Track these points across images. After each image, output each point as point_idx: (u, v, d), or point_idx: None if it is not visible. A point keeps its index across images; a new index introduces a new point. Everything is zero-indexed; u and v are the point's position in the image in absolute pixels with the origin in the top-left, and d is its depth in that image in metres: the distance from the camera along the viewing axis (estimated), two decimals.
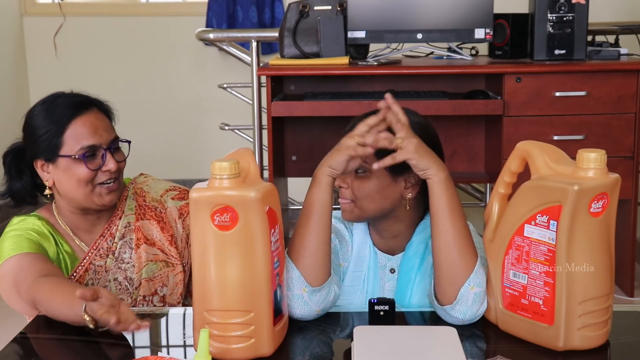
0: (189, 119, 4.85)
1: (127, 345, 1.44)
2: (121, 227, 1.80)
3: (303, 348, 1.44)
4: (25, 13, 4.87)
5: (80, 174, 1.69)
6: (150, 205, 1.84)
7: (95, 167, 1.70)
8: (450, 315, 1.48)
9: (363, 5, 3.19)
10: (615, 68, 3.08)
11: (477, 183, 3.95)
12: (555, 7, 3.11)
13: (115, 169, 1.72)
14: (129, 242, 1.79)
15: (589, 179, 1.33)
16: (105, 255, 1.78)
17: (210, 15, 4.57)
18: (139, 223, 1.81)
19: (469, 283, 1.46)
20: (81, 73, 4.82)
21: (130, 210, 1.82)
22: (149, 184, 1.89)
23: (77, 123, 1.70)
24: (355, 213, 1.62)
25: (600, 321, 1.38)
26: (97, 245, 1.78)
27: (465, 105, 3.07)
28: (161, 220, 1.83)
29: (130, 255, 1.79)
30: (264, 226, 1.32)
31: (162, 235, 1.82)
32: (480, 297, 1.47)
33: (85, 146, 1.69)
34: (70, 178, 1.71)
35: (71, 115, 1.70)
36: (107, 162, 1.71)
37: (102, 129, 1.72)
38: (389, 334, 1.34)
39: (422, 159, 1.46)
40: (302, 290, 1.47)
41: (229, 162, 1.31)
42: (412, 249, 1.65)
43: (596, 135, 3.08)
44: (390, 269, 1.68)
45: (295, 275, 1.47)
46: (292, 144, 3.51)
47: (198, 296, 1.35)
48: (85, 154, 1.69)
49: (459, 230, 1.47)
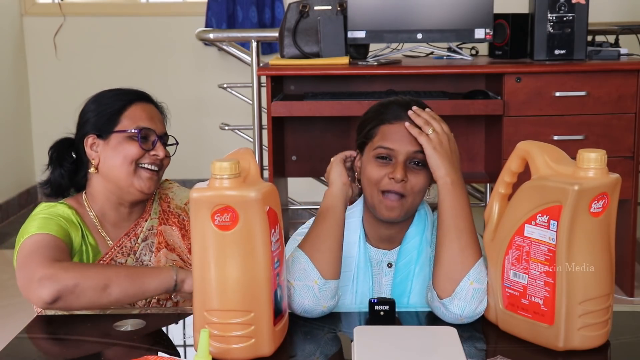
0: (189, 119, 4.86)
1: (127, 345, 1.44)
2: (145, 229, 1.82)
3: (303, 348, 1.44)
4: (25, 13, 4.87)
5: (129, 150, 1.75)
6: (174, 211, 1.86)
7: (146, 147, 1.76)
8: (448, 311, 1.48)
9: (363, 5, 3.19)
10: (615, 68, 3.08)
11: (477, 183, 3.95)
12: (555, 7, 3.11)
13: (163, 156, 1.78)
14: (150, 245, 1.81)
15: (589, 179, 1.33)
16: (127, 254, 1.79)
17: (210, 15, 4.58)
18: (161, 227, 1.83)
19: (468, 277, 1.47)
20: (81, 73, 4.83)
21: (155, 214, 1.85)
22: (174, 191, 1.91)
23: (136, 106, 1.79)
24: (406, 208, 1.61)
25: (601, 321, 1.38)
26: (121, 243, 1.79)
27: (465, 105, 3.07)
28: (183, 227, 1.85)
29: (150, 258, 1.80)
30: (264, 226, 1.32)
31: (182, 242, 1.84)
32: (479, 294, 1.47)
33: (142, 127, 1.76)
34: (118, 154, 1.75)
35: (132, 100, 1.79)
36: (157, 148, 1.77)
37: (159, 119, 1.82)
38: (389, 334, 1.34)
39: (434, 157, 1.53)
40: (314, 282, 1.49)
41: (229, 162, 1.31)
42: (409, 241, 1.66)
43: (596, 135, 3.08)
44: (388, 263, 1.68)
45: (308, 267, 1.50)
46: (292, 144, 3.51)
47: (198, 296, 1.35)
48: (140, 133, 1.75)
49: (462, 228, 1.49)
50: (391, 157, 1.59)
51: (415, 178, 1.58)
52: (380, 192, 1.60)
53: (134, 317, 1.55)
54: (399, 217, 1.61)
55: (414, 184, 1.58)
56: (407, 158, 1.58)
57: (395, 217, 1.61)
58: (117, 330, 1.49)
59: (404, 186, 1.58)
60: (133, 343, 1.45)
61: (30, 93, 4.89)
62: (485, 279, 1.48)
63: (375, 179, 1.60)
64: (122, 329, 1.50)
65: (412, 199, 1.60)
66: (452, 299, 1.47)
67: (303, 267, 1.51)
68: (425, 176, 1.59)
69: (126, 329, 1.50)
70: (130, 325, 1.51)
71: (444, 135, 1.55)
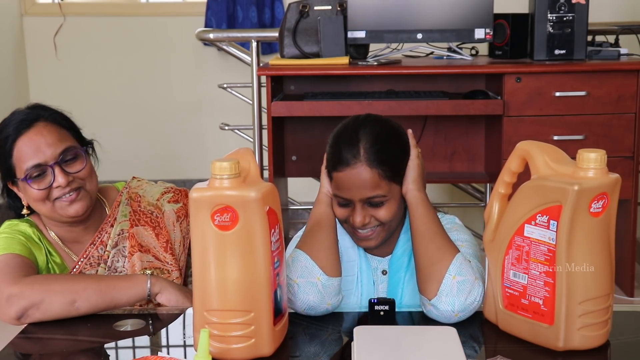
0: (189, 119, 4.85)
1: (127, 346, 1.44)
2: (114, 235, 1.78)
3: (303, 348, 1.44)
4: (25, 13, 4.87)
5: (33, 195, 1.70)
6: (145, 210, 1.82)
7: (45, 186, 1.69)
8: (440, 310, 1.47)
9: (363, 5, 3.19)
10: (615, 68, 3.08)
11: (477, 183, 3.95)
12: (555, 7, 3.11)
13: (66, 183, 1.68)
14: (122, 251, 1.77)
15: (589, 179, 1.33)
16: (96, 264, 1.76)
17: (209, 15, 4.57)
18: (133, 230, 1.79)
19: (449, 273, 1.48)
20: (81, 73, 4.82)
21: (124, 217, 1.80)
22: (143, 188, 1.87)
23: (19, 144, 1.69)
24: (382, 235, 1.63)
25: (600, 321, 1.38)
26: (88, 254, 1.76)
27: (465, 105, 3.07)
28: (157, 225, 1.81)
29: (124, 264, 1.77)
30: (264, 226, 1.32)
31: (157, 241, 1.80)
32: (465, 285, 1.47)
33: (30, 167, 1.67)
34: (29, 198, 1.72)
35: (14, 138, 1.69)
36: (56, 178, 1.68)
37: (46, 144, 1.68)
38: (389, 334, 1.34)
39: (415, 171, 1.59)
40: (317, 278, 1.50)
41: (229, 162, 1.31)
42: (400, 248, 1.67)
43: (596, 135, 3.08)
44: (382, 270, 1.69)
45: (309, 265, 1.51)
46: (292, 144, 3.51)
47: (198, 296, 1.35)
48: (30, 175, 1.68)
49: (435, 231, 1.53)
50: (349, 202, 1.59)
51: (379, 212, 1.59)
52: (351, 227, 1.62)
53: (134, 317, 1.55)
54: (376, 244, 1.63)
55: (380, 216, 1.59)
56: (364, 202, 1.58)
57: (373, 245, 1.63)
58: (117, 330, 1.49)
59: (370, 223, 1.59)
60: (133, 343, 1.44)
61: (30, 93, 4.88)
62: (469, 271, 1.48)
63: (340, 219, 1.62)
64: (122, 329, 1.50)
65: (387, 226, 1.61)
66: (439, 297, 1.47)
67: (304, 264, 1.51)
68: (390, 206, 1.59)
69: (126, 329, 1.50)
70: (130, 325, 1.51)
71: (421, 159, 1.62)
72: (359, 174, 1.54)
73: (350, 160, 1.55)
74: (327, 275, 1.51)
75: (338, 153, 1.57)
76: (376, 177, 1.54)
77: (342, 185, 1.57)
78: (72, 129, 1.76)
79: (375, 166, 1.54)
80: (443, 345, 1.29)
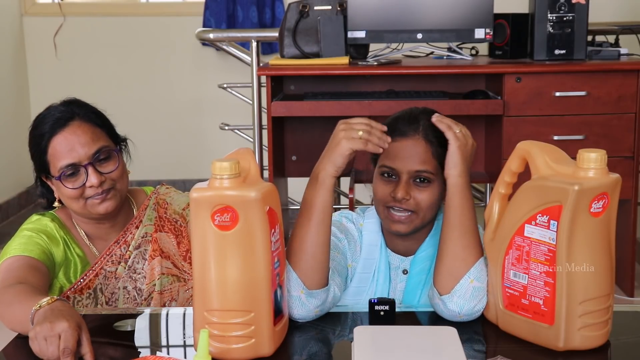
0: (189, 119, 4.86)
1: (127, 346, 1.44)
2: (138, 237, 1.79)
3: (303, 348, 1.44)
4: (25, 13, 4.87)
5: (66, 192, 1.71)
6: (170, 218, 1.83)
7: (78, 185, 1.69)
8: (447, 308, 1.47)
9: (363, 5, 3.19)
10: (615, 68, 3.08)
11: (477, 183, 3.95)
12: (555, 7, 3.11)
13: (98, 183, 1.69)
14: (144, 253, 1.79)
15: (589, 179, 1.33)
16: (117, 262, 1.77)
17: (208, 15, 4.58)
18: (157, 234, 1.80)
19: (469, 275, 1.47)
20: (81, 73, 4.83)
21: (149, 221, 1.82)
22: (171, 196, 1.88)
23: (54, 143, 1.69)
24: (415, 224, 1.61)
25: (601, 321, 1.38)
26: (110, 251, 1.77)
27: (465, 105, 3.07)
28: (180, 234, 1.82)
29: (143, 267, 1.78)
30: (264, 226, 1.32)
31: (177, 249, 1.81)
32: (478, 292, 1.47)
33: (64, 166, 1.68)
34: (62, 195, 1.73)
35: (49, 136, 1.70)
36: (90, 178, 1.69)
37: (80, 144, 1.69)
38: (389, 334, 1.34)
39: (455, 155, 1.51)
40: (300, 292, 1.46)
41: (229, 162, 1.31)
42: (423, 251, 1.66)
43: (596, 135, 3.08)
44: (403, 270, 1.68)
45: (292, 277, 1.46)
46: (292, 144, 3.51)
47: (198, 296, 1.35)
48: (65, 173, 1.69)
49: (467, 227, 1.49)
50: (395, 175, 1.59)
51: (421, 194, 1.58)
52: (386, 208, 1.60)
53: (134, 317, 1.55)
54: (407, 231, 1.61)
55: (419, 200, 1.58)
56: (410, 177, 1.57)
57: (403, 231, 1.61)
58: (117, 330, 1.49)
59: (409, 204, 1.58)
60: (133, 343, 1.45)
61: (30, 93, 4.89)
62: (486, 278, 1.48)
63: (379, 196, 1.60)
64: (122, 329, 1.50)
65: (422, 215, 1.60)
66: (451, 295, 1.47)
67: (288, 277, 1.46)
68: (433, 191, 1.59)
69: (126, 329, 1.50)
70: (130, 325, 1.51)
71: (470, 138, 1.56)
72: (415, 145, 1.57)
73: (408, 131, 1.58)
74: (309, 290, 1.46)
75: (395, 125, 1.59)
76: (429, 153, 1.56)
77: (394, 155, 1.57)
78: (106, 126, 1.78)
79: (431, 143, 1.57)
80: (443, 346, 1.29)
